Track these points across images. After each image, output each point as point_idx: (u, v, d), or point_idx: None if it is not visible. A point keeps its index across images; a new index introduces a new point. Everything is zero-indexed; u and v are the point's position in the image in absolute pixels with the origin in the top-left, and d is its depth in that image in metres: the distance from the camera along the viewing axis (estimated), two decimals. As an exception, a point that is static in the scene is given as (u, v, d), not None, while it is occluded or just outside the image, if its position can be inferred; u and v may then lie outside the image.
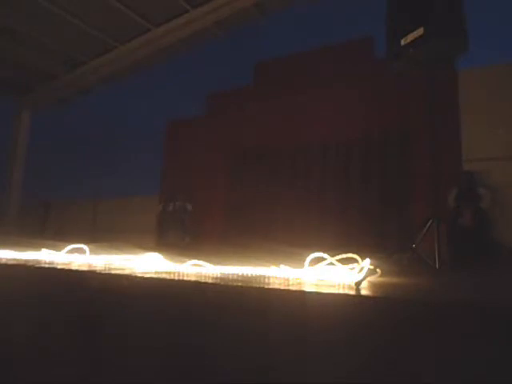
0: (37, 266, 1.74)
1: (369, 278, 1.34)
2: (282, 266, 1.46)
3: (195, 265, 1.64)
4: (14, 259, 2.07)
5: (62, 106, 10.37)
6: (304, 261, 1.45)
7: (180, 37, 7.35)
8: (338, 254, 1.42)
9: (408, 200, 5.48)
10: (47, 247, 2.31)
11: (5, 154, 9.73)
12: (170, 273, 1.49)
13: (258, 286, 1.15)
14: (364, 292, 1.07)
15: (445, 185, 4.31)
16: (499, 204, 4.65)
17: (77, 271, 1.57)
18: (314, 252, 1.48)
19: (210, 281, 1.26)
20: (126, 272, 1.48)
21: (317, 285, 1.19)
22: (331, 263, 1.41)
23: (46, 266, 1.76)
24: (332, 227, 5.77)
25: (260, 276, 1.42)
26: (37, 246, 2.40)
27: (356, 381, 0.85)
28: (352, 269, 1.36)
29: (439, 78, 3.56)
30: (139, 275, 1.36)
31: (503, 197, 4.69)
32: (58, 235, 7.20)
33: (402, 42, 2.67)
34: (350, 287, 1.15)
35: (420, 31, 2.54)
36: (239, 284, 1.18)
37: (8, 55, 8.08)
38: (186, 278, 1.35)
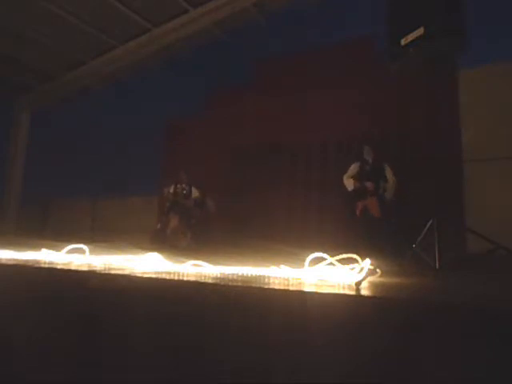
0: (36, 266, 1.74)
1: (369, 278, 1.34)
2: (282, 266, 1.46)
3: (195, 265, 1.64)
4: (14, 259, 2.07)
5: (62, 106, 10.37)
6: (304, 261, 1.45)
7: (180, 37, 7.34)
8: (338, 254, 1.42)
9: (408, 200, 5.47)
10: (47, 247, 2.31)
11: (5, 153, 9.73)
12: (169, 273, 1.49)
13: (257, 285, 1.15)
14: (364, 292, 1.07)
15: (445, 184, 4.28)
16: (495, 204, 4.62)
17: (76, 271, 1.57)
18: (313, 252, 1.48)
19: (209, 281, 1.25)
20: (126, 272, 1.48)
21: (317, 285, 1.19)
22: (331, 263, 1.40)
23: (46, 266, 1.76)
24: (332, 227, 5.76)
25: (260, 276, 1.41)
26: (36, 246, 2.40)
27: (356, 381, 0.85)
28: (352, 269, 1.35)
29: (439, 78, 3.56)
30: (139, 275, 1.36)
31: (503, 196, 4.67)
32: (57, 235, 7.20)
33: (402, 42, 2.67)
34: (350, 287, 1.14)
35: (420, 31, 2.54)
36: (239, 284, 1.18)
37: (8, 55, 8.07)
38: (185, 279, 1.35)
